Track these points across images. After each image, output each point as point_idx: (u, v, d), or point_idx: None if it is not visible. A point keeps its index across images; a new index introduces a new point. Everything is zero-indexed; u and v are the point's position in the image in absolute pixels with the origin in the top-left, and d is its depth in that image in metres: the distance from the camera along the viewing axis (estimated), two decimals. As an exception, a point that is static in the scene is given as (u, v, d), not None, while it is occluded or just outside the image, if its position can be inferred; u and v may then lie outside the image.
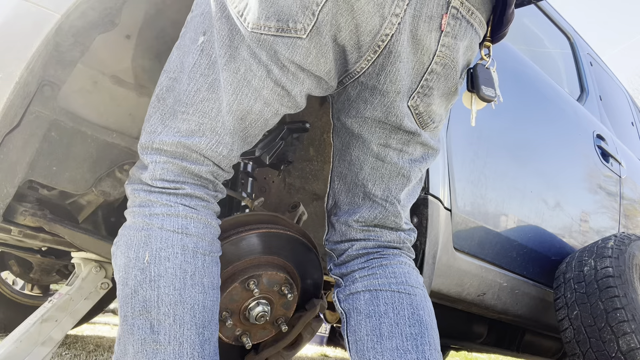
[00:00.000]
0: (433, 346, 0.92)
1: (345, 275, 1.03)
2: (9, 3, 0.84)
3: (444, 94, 0.94)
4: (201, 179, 0.87)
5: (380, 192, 0.98)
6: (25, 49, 0.83)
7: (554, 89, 2.26)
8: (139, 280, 0.79)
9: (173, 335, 0.78)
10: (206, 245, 0.85)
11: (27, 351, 1.35)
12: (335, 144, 1.03)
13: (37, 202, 1.19)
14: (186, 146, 0.84)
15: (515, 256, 1.88)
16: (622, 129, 3.04)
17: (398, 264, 1.00)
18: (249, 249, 1.09)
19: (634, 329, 1.62)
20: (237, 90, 0.83)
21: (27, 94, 0.95)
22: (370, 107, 0.92)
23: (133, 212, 0.85)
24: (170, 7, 1.13)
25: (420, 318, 0.94)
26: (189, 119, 0.84)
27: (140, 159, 0.88)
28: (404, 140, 0.95)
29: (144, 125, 0.88)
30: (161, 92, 0.87)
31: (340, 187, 1.03)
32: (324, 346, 4.34)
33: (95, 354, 2.08)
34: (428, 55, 0.87)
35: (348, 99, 0.95)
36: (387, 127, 0.93)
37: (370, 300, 0.96)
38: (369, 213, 0.99)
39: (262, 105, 0.86)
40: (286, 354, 1.24)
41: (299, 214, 1.33)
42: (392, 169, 0.97)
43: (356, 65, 0.87)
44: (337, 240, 1.04)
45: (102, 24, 0.97)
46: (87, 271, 1.50)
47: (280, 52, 0.81)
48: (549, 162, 2.08)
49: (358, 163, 0.98)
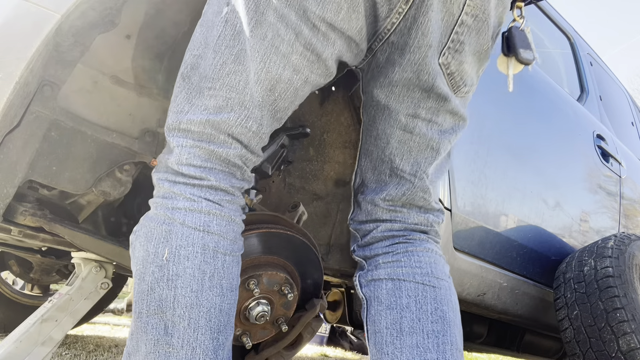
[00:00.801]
0: (455, 346, 0.89)
1: (369, 258, 1.00)
2: (9, 3, 0.84)
3: (476, 52, 0.90)
4: (229, 164, 0.84)
5: (408, 167, 0.95)
6: (25, 49, 0.83)
7: (554, 89, 2.26)
8: (156, 278, 0.78)
9: (186, 340, 0.76)
10: (227, 245, 0.83)
11: (27, 351, 1.35)
12: (364, 120, 1.00)
13: (37, 202, 1.19)
14: (214, 125, 0.81)
15: (515, 256, 1.88)
16: (622, 129, 3.04)
17: (424, 251, 0.97)
18: (249, 249, 1.09)
19: (634, 329, 1.62)
20: (265, 58, 0.81)
21: (27, 94, 0.95)
22: (399, 70, 0.88)
23: (156, 204, 0.83)
24: (170, 7, 1.13)
25: (443, 314, 0.91)
26: (216, 94, 0.81)
27: (167, 143, 0.86)
28: (433, 109, 0.92)
29: (170, 106, 0.86)
30: (186, 71, 0.85)
31: (366, 164, 1.00)
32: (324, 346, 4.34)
33: (95, 354, 2.08)
34: (458, 4, 0.84)
35: (377, 66, 0.92)
36: (416, 93, 0.90)
37: (393, 291, 0.93)
38: (397, 190, 0.96)
39: (292, 72, 0.83)
40: (286, 353, 1.24)
41: (299, 214, 1.33)
42: (421, 141, 0.93)
43: (386, 21, 0.85)
44: (362, 219, 1.01)
45: (102, 24, 0.97)
46: (87, 271, 1.50)
47: (310, 10, 0.79)
48: (549, 162, 2.09)
49: (384, 137, 0.95)
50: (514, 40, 0.92)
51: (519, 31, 0.93)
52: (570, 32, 2.86)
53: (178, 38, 1.16)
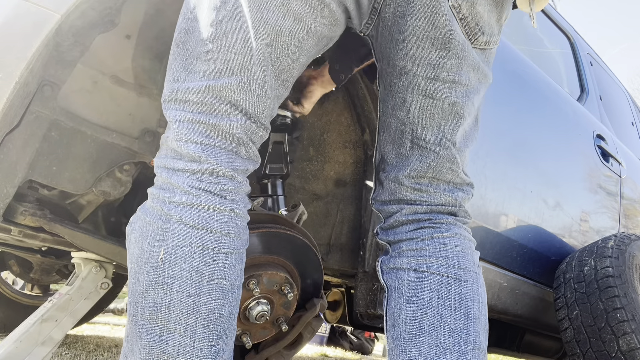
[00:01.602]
0: (477, 345, 0.84)
1: (393, 243, 0.94)
2: (9, 3, 0.84)
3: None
4: (233, 140, 0.77)
5: (432, 136, 0.87)
6: (25, 49, 0.83)
7: (554, 89, 2.26)
8: (151, 280, 0.73)
9: (182, 348, 0.72)
10: (229, 242, 0.77)
11: (27, 351, 1.35)
12: (380, 90, 0.93)
13: (37, 202, 1.20)
14: (214, 92, 0.75)
15: (515, 256, 1.88)
16: (622, 129, 3.04)
17: (451, 237, 0.90)
18: (249, 249, 1.09)
19: (634, 329, 1.62)
20: (262, 8, 0.75)
21: (27, 94, 0.95)
22: (412, 20, 0.81)
23: (153, 195, 0.78)
24: (170, 7, 1.13)
25: (467, 310, 0.85)
26: (214, 57, 0.76)
27: (166, 119, 0.80)
28: (454, 67, 0.84)
29: (166, 77, 0.80)
30: (180, 37, 0.79)
31: (385, 138, 0.93)
32: (324, 346, 4.34)
33: (95, 354, 2.08)
34: None
35: (386, 26, 0.85)
36: (433, 49, 0.82)
37: (415, 284, 0.87)
38: (421, 163, 0.89)
39: (292, 21, 0.76)
40: (286, 353, 1.24)
41: (299, 214, 1.33)
42: (444, 105, 0.86)
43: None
44: (385, 199, 0.95)
45: (102, 24, 0.97)
46: (87, 271, 1.50)
47: None
48: (549, 162, 2.09)
49: (403, 105, 0.87)
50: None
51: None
52: (570, 32, 2.86)
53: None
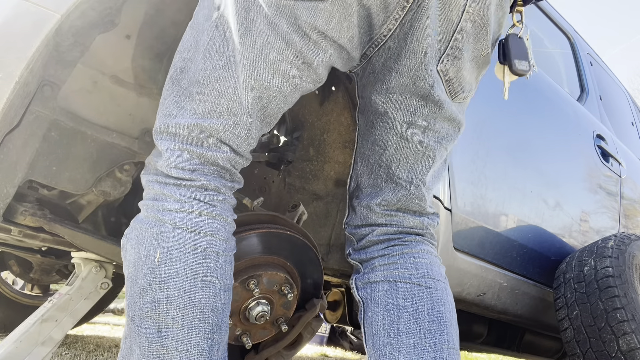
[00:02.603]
0: (452, 345, 0.89)
1: (365, 261, 1.00)
2: (9, 3, 0.84)
3: (475, 57, 0.90)
4: (218, 167, 0.84)
5: (404, 174, 0.95)
6: (25, 49, 0.83)
7: (554, 89, 2.26)
8: (148, 280, 0.78)
9: (180, 341, 0.76)
10: (220, 245, 0.82)
11: (27, 351, 1.35)
12: (360, 123, 0.99)
13: (37, 202, 1.19)
14: (202, 129, 0.81)
15: (515, 256, 1.88)
16: (622, 129, 3.04)
17: (420, 252, 0.97)
18: (249, 249, 1.09)
19: (634, 329, 1.62)
20: (254, 66, 0.80)
21: (27, 94, 0.95)
22: (396, 75, 0.88)
23: (146, 206, 0.83)
24: (170, 7, 1.13)
25: (440, 314, 0.91)
26: (205, 99, 0.81)
27: (156, 146, 0.86)
28: (430, 117, 0.91)
29: (159, 110, 0.86)
30: (175, 74, 0.85)
31: (362, 168, 1.00)
32: (324, 346, 4.34)
33: (95, 354, 2.08)
34: (457, 11, 0.83)
35: (373, 72, 0.91)
36: (413, 100, 0.89)
37: (389, 292, 0.93)
38: (392, 196, 0.96)
39: (281, 80, 0.83)
40: (286, 353, 1.24)
41: (299, 214, 1.33)
42: (417, 148, 0.93)
43: (383, 27, 0.84)
44: (357, 224, 1.01)
45: (102, 24, 0.97)
46: (87, 271, 1.50)
47: (301, 18, 0.78)
48: (549, 162, 2.09)
49: (382, 143, 0.94)
50: (510, 50, 0.90)
51: (516, 39, 0.91)
52: (570, 32, 2.86)
53: (178, 38, 1.16)
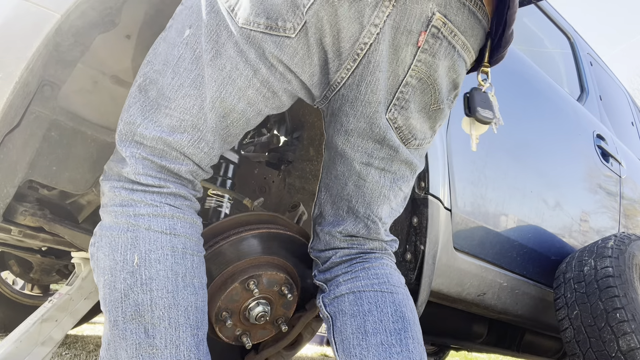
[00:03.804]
0: (416, 340, 0.93)
1: (330, 280, 1.04)
2: (9, 3, 0.84)
3: (423, 109, 0.92)
4: (180, 178, 0.86)
5: (362, 210, 0.99)
6: (25, 49, 0.83)
7: (554, 89, 2.26)
8: (129, 284, 0.78)
9: (169, 339, 0.78)
10: (194, 245, 0.85)
11: (27, 351, 1.35)
12: (325, 156, 1.03)
13: (37, 202, 1.20)
14: (167, 143, 0.82)
15: (515, 256, 1.88)
16: (622, 129, 3.04)
17: (380, 265, 1.02)
18: (249, 249, 1.09)
19: (634, 329, 1.62)
20: (221, 88, 0.82)
21: (27, 93, 0.95)
22: (353, 120, 0.91)
23: (114, 212, 0.83)
24: (170, 7, 1.13)
25: (403, 314, 0.95)
26: (171, 114, 0.82)
27: (117, 151, 0.86)
28: (386, 159, 0.95)
29: (122, 115, 0.86)
30: (144, 84, 0.85)
31: (326, 198, 1.03)
32: (324, 346, 4.34)
33: (95, 354, 2.08)
34: (403, 67, 0.86)
35: (332, 113, 0.95)
36: (370, 142, 0.93)
37: (355, 301, 0.98)
38: (352, 227, 1.01)
39: (246, 105, 0.85)
40: (286, 354, 1.24)
41: (299, 214, 1.33)
42: (374, 188, 0.97)
43: (337, 74, 0.87)
44: (321, 248, 1.06)
45: (102, 24, 0.97)
46: (87, 271, 1.50)
47: (268, 50, 0.81)
48: (549, 162, 2.09)
49: (343, 179, 0.98)
50: (474, 101, 0.92)
51: (480, 93, 0.93)
52: (570, 32, 2.86)
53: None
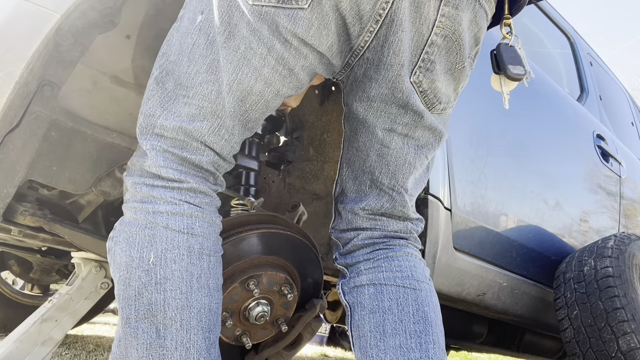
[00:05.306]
0: (437, 344, 0.91)
1: (351, 266, 1.01)
2: (9, 3, 0.84)
3: (449, 70, 0.91)
4: (202, 170, 0.85)
5: (387, 181, 0.96)
6: (25, 49, 0.83)
7: (554, 89, 2.26)
8: (143, 282, 0.78)
9: (180, 341, 0.77)
10: (211, 246, 0.84)
11: (27, 351, 1.35)
12: (345, 130, 1.01)
13: (37, 202, 1.20)
14: (187, 132, 0.82)
15: (515, 256, 1.88)
16: (622, 129, 3.04)
17: (404, 255, 0.99)
18: (249, 249, 1.09)
19: (634, 329, 1.62)
20: (237, 70, 0.81)
21: (27, 93, 0.95)
22: (375, 85, 0.89)
23: (134, 208, 0.83)
24: (170, 7, 1.13)
25: (425, 315, 0.92)
26: (190, 102, 0.82)
27: (139, 146, 0.86)
28: (409, 125, 0.92)
29: (142, 109, 0.86)
30: (160, 75, 0.85)
31: (347, 174, 1.01)
32: (324, 346, 4.34)
33: (95, 354, 2.08)
34: (427, 25, 0.84)
35: (355, 80, 0.93)
36: (393, 108, 0.91)
37: (375, 295, 0.95)
38: (376, 202, 0.98)
39: (263, 85, 0.84)
40: (286, 354, 1.24)
41: (299, 214, 1.33)
42: (398, 155, 0.94)
43: (359, 38, 0.85)
44: (343, 228, 1.03)
45: (102, 24, 0.97)
46: (87, 271, 1.50)
47: (281, 25, 0.79)
48: (549, 162, 2.08)
49: (365, 150, 0.96)
50: (503, 58, 0.91)
51: (508, 48, 0.92)
52: (570, 32, 2.86)
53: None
